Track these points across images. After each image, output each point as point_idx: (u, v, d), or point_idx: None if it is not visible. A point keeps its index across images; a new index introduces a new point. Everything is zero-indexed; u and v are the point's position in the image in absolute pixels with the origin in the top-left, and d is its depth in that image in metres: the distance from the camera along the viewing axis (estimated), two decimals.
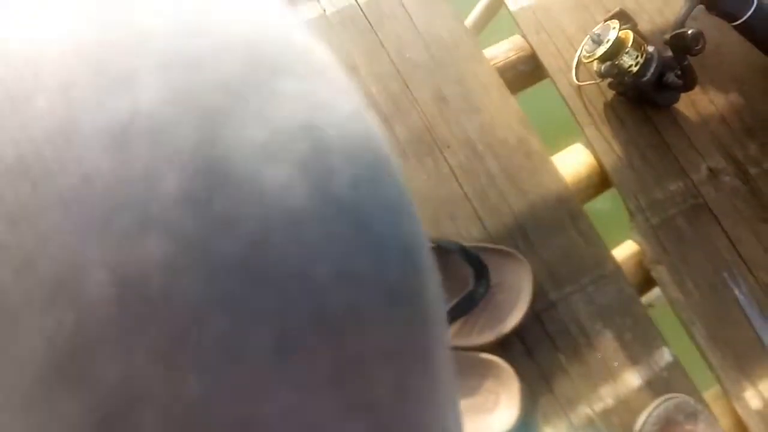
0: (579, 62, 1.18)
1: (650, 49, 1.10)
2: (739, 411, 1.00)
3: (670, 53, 1.10)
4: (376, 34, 1.17)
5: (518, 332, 1.00)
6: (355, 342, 0.14)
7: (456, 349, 0.98)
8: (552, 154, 1.16)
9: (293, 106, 0.14)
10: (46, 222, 0.11)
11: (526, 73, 1.22)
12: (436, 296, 0.16)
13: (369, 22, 1.18)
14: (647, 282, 1.09)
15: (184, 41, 0.13)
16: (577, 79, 1.18)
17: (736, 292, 1.07)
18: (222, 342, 0.12)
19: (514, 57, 1.22)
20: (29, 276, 0.11)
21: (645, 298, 1.12)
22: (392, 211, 0.15)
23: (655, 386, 1.00)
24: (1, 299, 0.11)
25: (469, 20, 1.44)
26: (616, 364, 1.01)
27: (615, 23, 1.10)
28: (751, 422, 1.00)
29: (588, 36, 1.12)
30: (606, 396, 1.00)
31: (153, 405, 0.11)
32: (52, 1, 0.13)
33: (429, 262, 0.16)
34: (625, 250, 1.11)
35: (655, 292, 1.13)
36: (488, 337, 0.99)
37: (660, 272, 1.07)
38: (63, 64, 0.12)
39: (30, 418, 0.11)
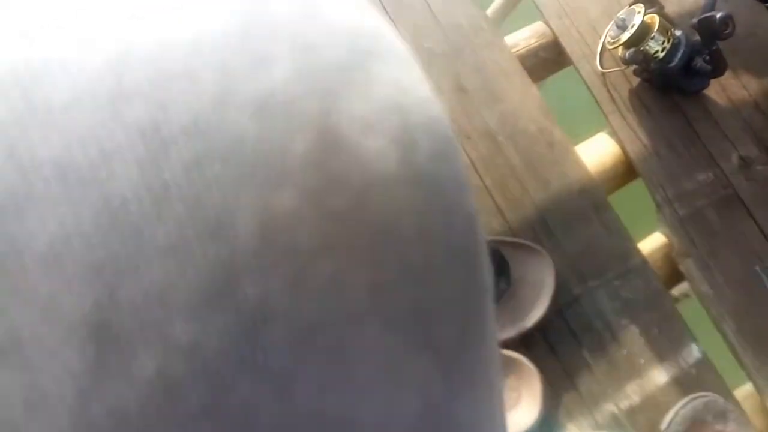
0: (603, 48, 1.15)
1: (677, 33, 1.06)
2: None
3: (698, 37, 1.06)
4: (395, 25, 1.14)
5: (540, 328, 0.98)
6: (428, 290, 0.16)
7: None
8: (575, 144, 1.12)
9: (385, 88, 0.16)
10: (212, 171, 0.14)
11: (548, 60, 1.19)
12: (487, 265, 0.19)
13: (387, 13, 1.15)
14: (675, 276, 1.06)
15: (304, 29, 0.16)
16: (602, 66, 1.14)
17: None
18: (330, 279, 0.15)
19: (535, 44, 1.19)
20: (199, 213, 0.14)
21: (679, 290, 1.09)
22: (458, 183, 0.18)
23: (684, 384, 0.97)
24: (181, 231, 0.13)
25: (492, 8, 1.40)
26: (642, 360, 0.98)
27: (640, 7, 1.06)
28: None
29: (612, 21, 1.09)
30: (632, 394, 0.97)
31: (280, 322, 0.14)
32: (211, 1, 0.16)
33: (482, 233, 0.19)
34: (652, 243, 1.08)
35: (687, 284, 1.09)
36: (509, 333, 0.97)
37: (688, 266, 1.04)
38: (220, 48, 0.15)
39: (194, 327, 0.13)
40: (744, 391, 1.01)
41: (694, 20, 1.03)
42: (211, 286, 0.14)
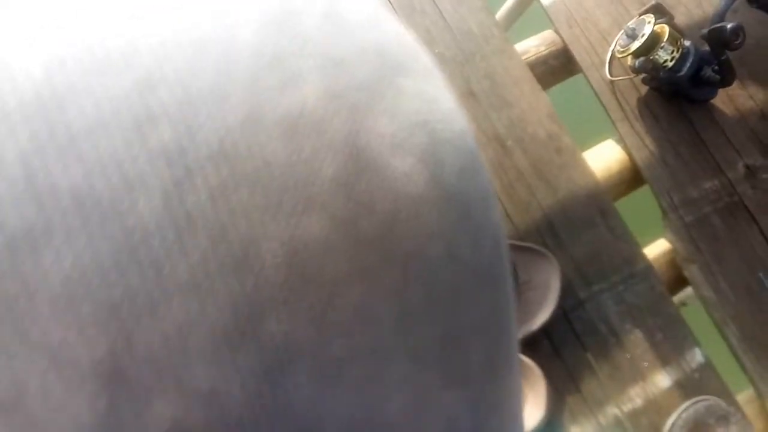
0: (612, 57, 1.16)
1: (686, 43, 1.08)
2: None
3: (707, 47, 1.07)
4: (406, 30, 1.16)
5: (546, 331, 0.99)
6: (456, 318, 0.15)
7: None
8: (583, 150, 1.14)
9: (412, 102, 0.16)
10: (237, 198, 0.13)
11: (557, 67, 1.21)
12: (511, 283, 0.18)
13: (399, 18, 1.17)
14: (679, 281, 1.07)
15: (332, 44, 0.15)
16: (611, 74, 1.16)
17: None
18: (358, 310, 0.14)
19: (545, 51, 1.20)
20: (223, 244, 0.13)
21: (679, 297, 1.10)
22: (486, 202, 0.17)
23: (686, 388, 0.98)
24: (204, 265, 0.13)
25: (500, 14, 1.42)
26: (645, 364, 0.99)
27: (650, 17, 1.07)
28: None
29: (622, 30, 1.10)
30: (635, 397, 0.98)
31: (306, 360, 0.13)
32: (241, 13, 0.15)
33: (507, 250, 0.18)
34: (657, 249, 1.09)
35: (690, 290, 1.10)
36: None
37: (693, 271, 1.05)
38: (250, 64, 0.14)
39: (214, 371, 0.13)
40: (746, 396, 1.01)
41: (704, 30, 1.04)
42: (233, 325, 0.13)
